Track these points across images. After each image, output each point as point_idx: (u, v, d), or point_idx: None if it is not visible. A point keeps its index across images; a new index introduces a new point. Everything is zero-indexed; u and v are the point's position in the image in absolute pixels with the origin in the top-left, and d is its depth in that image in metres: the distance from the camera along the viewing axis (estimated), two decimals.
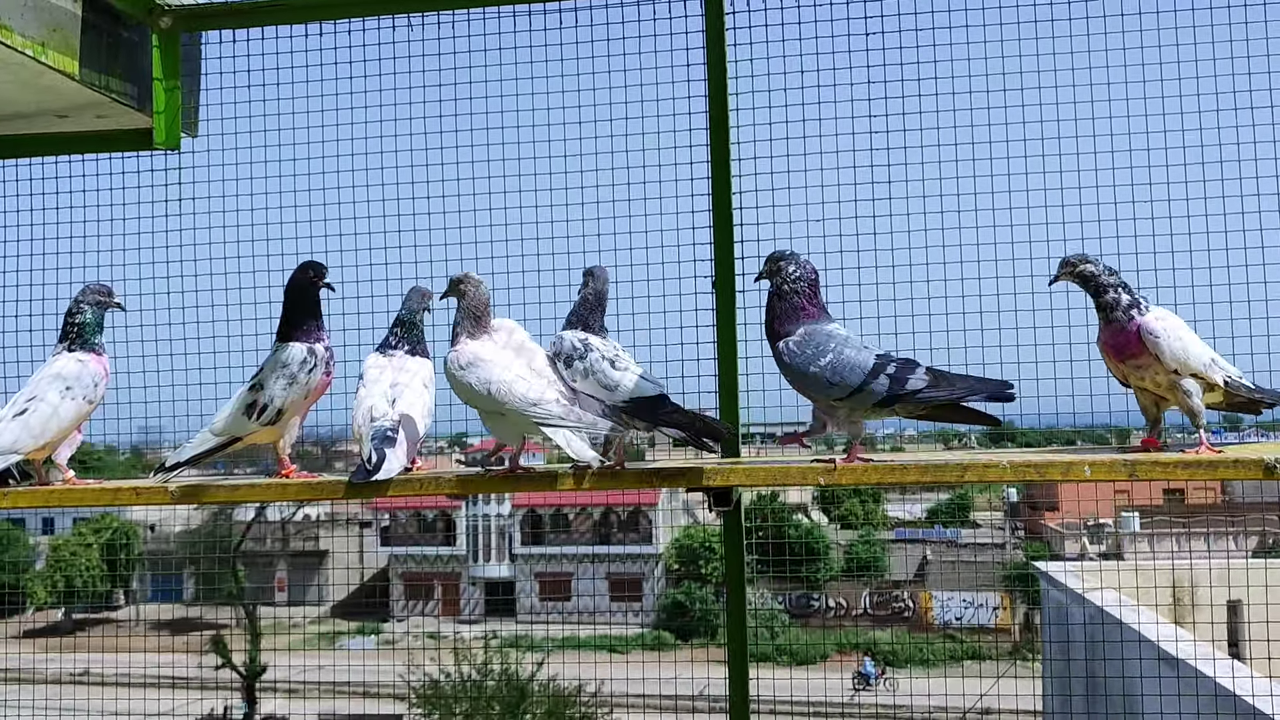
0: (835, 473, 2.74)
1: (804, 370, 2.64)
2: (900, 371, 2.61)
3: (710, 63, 3.54)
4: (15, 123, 3.82)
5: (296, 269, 3.02)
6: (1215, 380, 2.71)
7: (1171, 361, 2.65)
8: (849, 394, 2.62)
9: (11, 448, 2.96)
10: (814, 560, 34.80)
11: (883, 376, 2.60)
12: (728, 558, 3.56)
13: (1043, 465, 2.75)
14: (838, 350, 2.63)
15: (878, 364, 2.61)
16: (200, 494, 3.06)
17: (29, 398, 3.02)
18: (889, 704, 24.95)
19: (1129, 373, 2.75)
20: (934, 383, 2.62)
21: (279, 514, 35.68)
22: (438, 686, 20.91)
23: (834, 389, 2.62)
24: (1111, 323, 2.70)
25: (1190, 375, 2.68)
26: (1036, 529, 33.86)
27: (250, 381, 2.98)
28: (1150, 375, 2.70)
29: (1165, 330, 2.65)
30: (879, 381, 2.60)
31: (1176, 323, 2.69)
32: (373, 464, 2.72)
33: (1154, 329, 2.65)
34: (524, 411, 2.69)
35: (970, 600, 33.97)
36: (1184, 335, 2.68)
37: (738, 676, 3.52)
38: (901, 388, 2.60)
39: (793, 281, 2.70)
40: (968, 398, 2.64)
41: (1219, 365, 2.74)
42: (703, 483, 2.84)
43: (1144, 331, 2.66)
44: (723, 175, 3.52)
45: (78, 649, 28.90)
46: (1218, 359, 2.75)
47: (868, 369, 2.61)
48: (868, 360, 2.62)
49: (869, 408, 2.66)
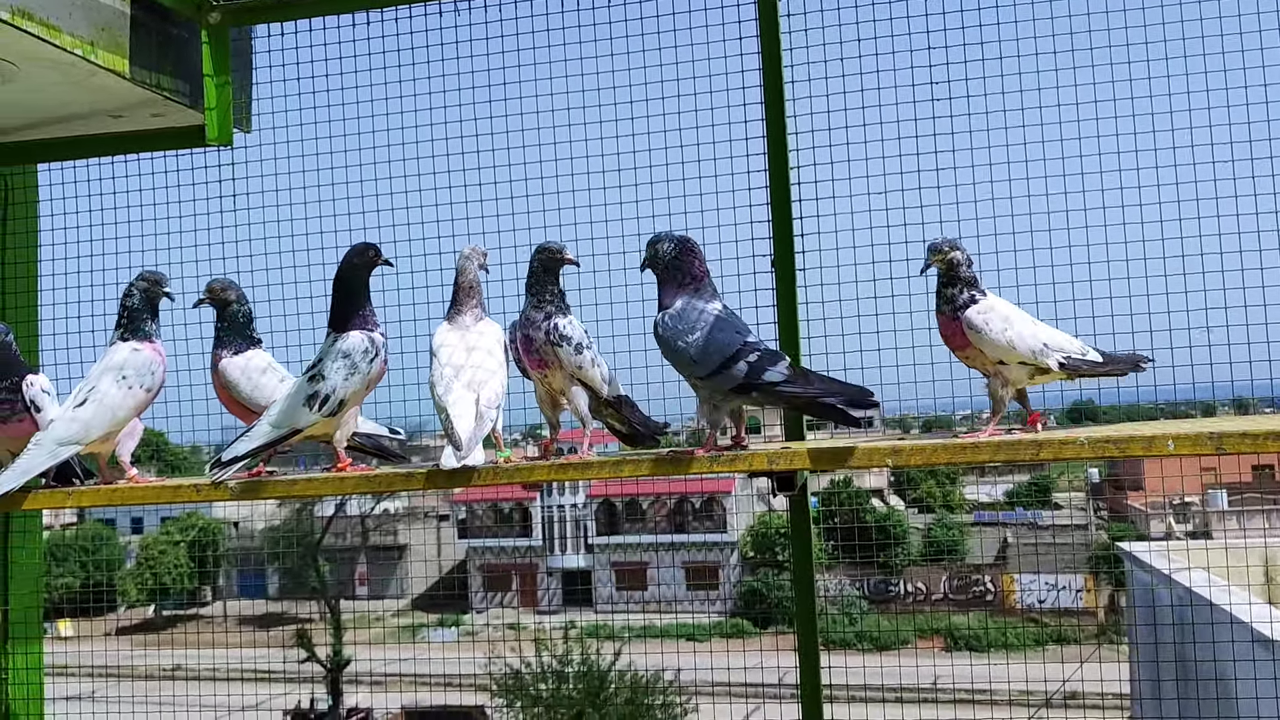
0: (904, 454, 2.65)
1: (672, 343, 2.67)
2: (761, 361, 2.62)
3: (764, 35, 3.44)
4: (72, 124, 3.84)
5: (351, 252, 2.94)
6: (1048, 364, 2.74)
7: (994, 353, 2.70)
8: (708, 374, 2.64)
9: (72, 439, 2.97)
10: (892, 545, 34.47)
11: (742, 363, 2.61)
12: (794, 543, 3.46)
13: (1122, 440, 2.61)
14: (707, 329, 2.65)
15: (741, 350, 2.62)
16: (258, 489, 3.04)
17: (88, 389, 3.03)
18: (967, 688, 24.61)
19: (963, 360, 2.79)
20: (792, 378, 2.62)
21: (358, 509, 36.21)
22: (519, 677, 21.06)
23: (696, 367, 2.65)
24: (942, 314, 2.74)
25: (1018, 363, 2.72)
26: (1120, 509, 33.14)
27: (308, 372, 2.92)
28: (980, 363, 2.75)
29: (987, 324, 2.69)
30: (738, 367, 2.61)
31: (1005, 313, 2.71)
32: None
33: (975, 323, 2.69)
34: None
35: (1053, 583, 33.40)
36: (1012, 326, 2.70)
37: (808, 663, 3.43)
38: (758, 377, 2.61)
39: (666, 259, 2.73)
40: (823, 398, 2.62)
41: (1051, 349, 2.75)
42: (766, 467, 2.76)
43: (966, 325, 2.69)
44: (780, 153, 3.42)
45: (169, 645, 29.65)
46: (1051, 341, 2.75)
47: (730, 353, 2.62)
48: (734, 344, 2.63)
49: (726, 392, 2.66)
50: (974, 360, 2.76)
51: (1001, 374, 2.74)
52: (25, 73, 3.37)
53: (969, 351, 2.74)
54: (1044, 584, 33.69)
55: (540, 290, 2.81)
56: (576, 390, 2.84)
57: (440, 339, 2.89)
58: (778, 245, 3.41)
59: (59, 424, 3.01)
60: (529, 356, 2.81)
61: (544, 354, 2.79)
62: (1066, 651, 23.48)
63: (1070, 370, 2.80)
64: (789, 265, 3.39)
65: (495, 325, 2.94)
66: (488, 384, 2.80)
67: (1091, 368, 2.81)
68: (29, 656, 4.02)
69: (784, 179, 3.41)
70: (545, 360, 2.80)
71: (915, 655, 28.26)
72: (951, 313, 2.72)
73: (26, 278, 4.10)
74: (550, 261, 2.81)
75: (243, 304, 3.18)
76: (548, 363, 2.80)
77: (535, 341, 2.78)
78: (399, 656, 28.17)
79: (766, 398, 2.69)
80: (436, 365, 2.84)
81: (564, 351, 2.78)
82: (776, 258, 3.41)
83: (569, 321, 2.81)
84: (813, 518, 3.58)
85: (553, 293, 2.81)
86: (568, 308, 2.83)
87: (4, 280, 4.03)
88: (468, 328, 2.90)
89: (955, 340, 2.75)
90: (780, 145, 3.43)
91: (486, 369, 2.83)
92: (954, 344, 2.76)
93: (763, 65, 3.45)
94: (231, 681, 19.51)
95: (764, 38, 3.45)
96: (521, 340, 2.82)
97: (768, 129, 3.44)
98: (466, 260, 2.94)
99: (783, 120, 3.42)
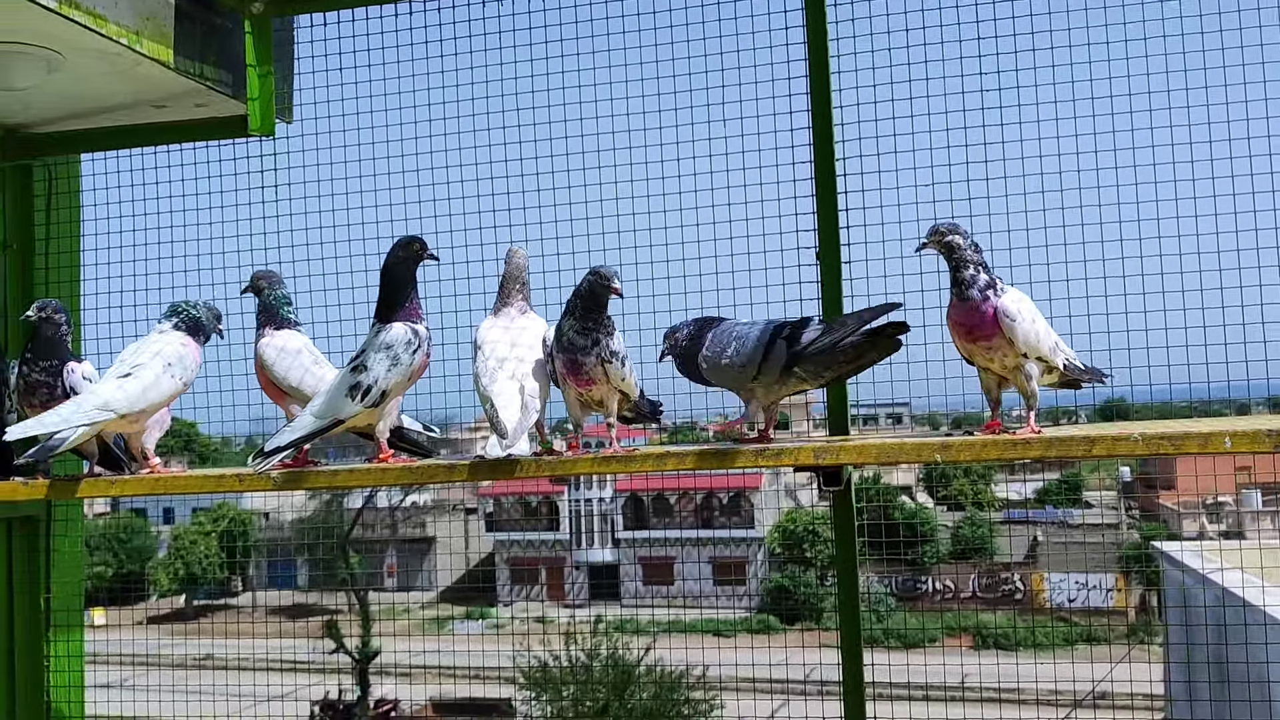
0: (953, 449, 2.62)
1: (718, 364, 2.72)
2: (794, 332, 2.66)
3: (810, 24, 3.40)
4: (116, 114, 3.85)
5: (396, 245, 2.96)
6: (1057, 364, 2.73)
7: (1023, 345, 2.64)
8: (759, 369, 2.68)
9: (109, 406, 2.99)
10: (921, 542, 34.30)
11: (779, 341, 2.66)
12: (838, 539, 3.42)
13: (1178, 437, 2.56)
14: (737, 335, 2.71)
15: (772, 332, 2.67)
16: (301, 480, 3.04)
17: (134, 364, 3.07)
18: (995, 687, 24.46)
19: (976, 352, 2.71)
20: (828, 329, 2.65)
21: (387, 500, 36.39)
22: (546, 670, 21.11)
23: (747, 368, 2.69)
24: (965, 300, 2.65)
25: (1036, 359, 2.68)
26: (1152, 508, 32.81)
27: (351, 363, 2.93)
28: (999, 357, 2.68)
29: (1021, 314, 2.63)
30: (777, 346, 2.65)
31: (1031, 307, 2.67)
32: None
33: (1011, 312, 2.62)
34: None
35: (1083, 581, 33.15)
36: (1037, 320, 2.67)
37: (851, 662, 3.39)
38: (798, 344, 2.64)
39: (684, 342, 2.80)
40: (861, 328, 2.63)
41: (1061, 349, 2.75)
42: (812, 461, 2.73)
43: (1001, 314, 2.62)
44: (825, 144, 3.37)
45: (200, 634, 29.89)
46: (1060, 343, 2.76)
47: (765, 340, 2.66)
48: (765, 331, 2.68)
49: (779, 376, 2.68)
50: (994, 351, 2.66)
51: (1024, 368, 2.68)
52: (71, 62, 3.38)
53: (995, 342, 2.64)
54: (1074, 583, 33.43)
55: (586, 314, 2.76)
56: (614, 396, 2.84)
57: (485, 332, 2.90)
58: (822, 237, 3.36)
59: (104, 388, 3.04)
60: (575, 378, 2.79)
61: (593, 374, 2.77)
62: (1096, 651, 23.26)
63: (1067, 373, 2.78)
64: (834, 257, 3.35)
65: (540, 319, 2.94)
66: (532, 375, 2.80)
67: (1078, 374, 2.81)
68: (70, 644, 4.05)
69: (829, 168, 3.37)
70: (593, 379, 2.78)
71: (943, 653, 28.11)
72: (980, 298, 2.62)
73: (70, 267, 4.12)
74: (600, 289, 2.76)
75: (275, 288, 3.23)
76: (595, 380, 2.78)
77: (585, 366, 2.76)
78: (426, 648, 28.25)
79: (813, 364, 2.67)
80: (481, 357, 2.84)
81: (612, 368, 2.78)
82: (821, 249, 3.37)
83: (617, 339, 2.79)
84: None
85: (597, 318, 2.77)
86: (612, 324, 2.80)
87: (47, 269, 4.05)
88: (513, 320, 2.90)
89: (983, 329, 2.63)
90: (826, 137, 3.39)
91: (531, 361, 2.82)
92: (980, 333, 2.64)
93: (809, 55, 3.40)
94: (261, 671, 19.61)
95: (810, 27, 3.40)
96: (567, 364, 2.78)
97: (813, 120, 3.40)
98: (513, 253, 2.94)
99: (829, 111, 3.37)
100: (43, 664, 3.98)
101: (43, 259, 4.05)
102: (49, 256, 4.06)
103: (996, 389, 2.78)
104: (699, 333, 2.78)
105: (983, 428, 2.78)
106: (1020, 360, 2.67)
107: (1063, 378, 2.82)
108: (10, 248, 4.02)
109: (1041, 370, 2.72)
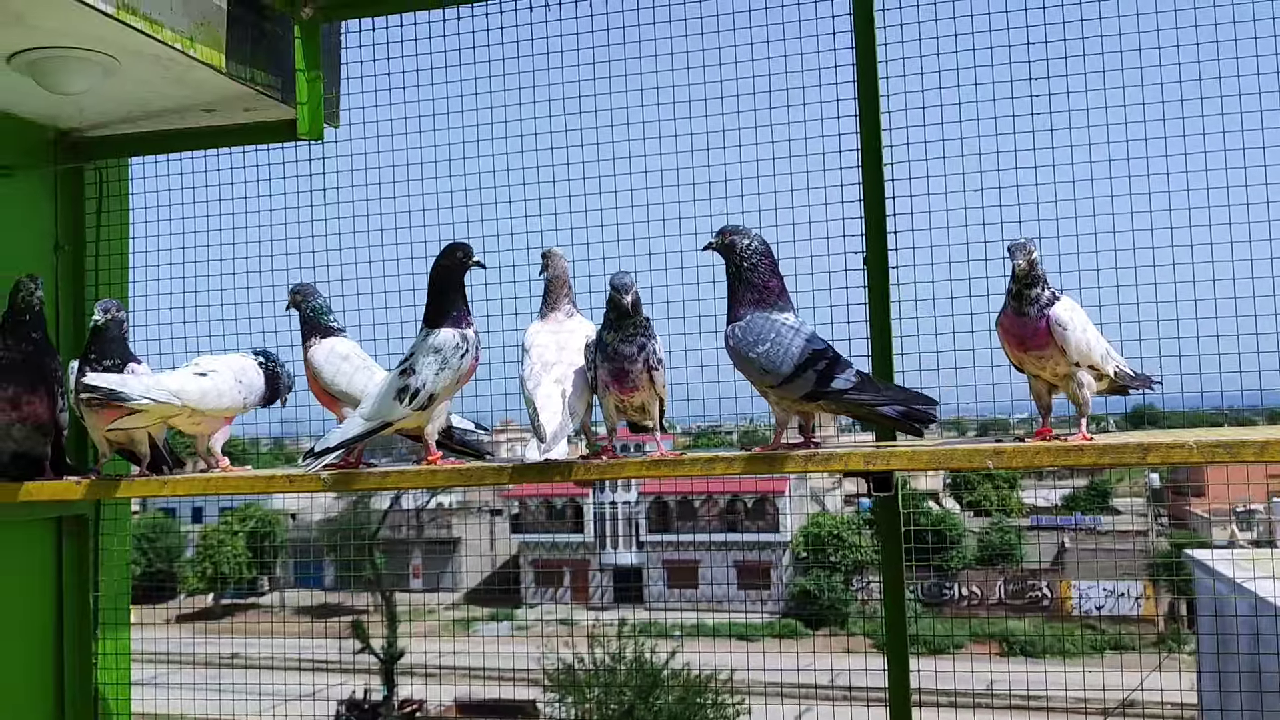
0: (1006, 455, 2.61)
1: (743, 354, 2.71)
2: (830, 369, 2.64)
3: (858, 26, 3.40)
4: (166, 117, 3.89)
5: (442, 253, 3.00)
6: (1108, 371, 2.72)
7: (1075, 354, 2.64)
8: (779, 383, 2.66)
9: (177, 394, 3.05)
10: (947, 548, 34.11)
11: (811, 371, 2.64)
12: (884, 544, 3.42)
13: (1234, 444, 2.53)
14: (776, 339, 2.68)
15: (811, 358, 2.64)
16: (351, 481, 3.06)
17: (211, 368, 3.17)
18: (1023, 694, 24.29)
19: (1028, 361, 2.72)
20: (859, 385, 2.65)
21: (413, 502, 36.52)
22: (571, 672, 21.14)
23: (767, 376, 2.68)
24: (1023, 315, 2.65)
25: (1088, 366, 2.68)
26: (1181, 515, 32.53)
27: (400, 366, 2.96)
28: (1050, 366, 2.68)
29: (1073, 323, 2.63)
30: (806, 375, 2.64)
31: (1082, 316, 2.67)
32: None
33: (1064, 321, 2.62)
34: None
35: (1111, 589, 32.88)
36: (1088, 328, 2.67)
37: (898, 667, 3.38)
38: (826, 385, 2.64)
39: (750, 257, 2.75)
40: (885, 405, 2.66)
41: (1111, 356, 2.75)
42: (863, 467, 2.73)
43: (1053, 323, 2.62)
44: (874, 147, 3.37)
45: (228, 633, 30.07)
46: (1111, 350, 2.76)
47: (799, 361, 2.64)
48: (803, 352, 2.65)
49: (796, 399, 2.69)
50: (1046, 361, 2.67)
51: (1076, 376, 2.67)
52: (126, 67, 3.41)
53: (1047, 352, 2.65)
54: (1102, 590, 33.17)
55: (620, 322, 2.76)
56: (654, 402, 2.85)
57: (533, 335, 2.91)
58: (870, 243, 3.36)
59: (179, 377, 3.12)
60: (620, 385, 2.79)
61: (638, 381, 2.78)
62: (1125, 659, 23.07)
63: (1117, 379, 2.78)
64: (882, 260, 3.34)
65: (586, 321, 2.95)
66: (576, 379, 2.81)
67: (1128, 381, 2.82)
68: (118, 642, 4.09)
69: (878, 172, 3.37)
70: (638, 385, 2.79)
71: (971, 659, 27.96)
72: (1037, 314, 2.63)
73: (120, 269, 4.16)
74: (613, 297, 2.78)
75: (310, 299, 3.29)
76: (640, 387, 2.79)
77: (631, 374, 2.76)
78: (452, 649, 28.35)
79: (834, 404, 2.70)
80: (528, 361, 2.85)
81: (658, 374, 2.79)
82: (869, 253, 3.37)
83: (658, 344, 2.80)
84: (865, 520, 3.54)
85: (635, 324, 2.77)
86: (652, 328, 2.81)
87: (97, 271, 4.09)
88: (560, 324, 2.92)
89: (1035, 340, 2.65)
90: (874, 142, 3.39)
91: (578, 364, 2.84)
92: (1032, 344, 2.66)
93: (856, 60, 3.40)
94: (288, 670, 19.73)
95: (858, 30, 3.40)
96: (613, 373, 2.77)
97: (861, 122, 3.40)
98: (553, 256, 2.96)
99: (877, 115, 3.37)
100: (91, 661, 4.02)
101: (93, 261, 4.10)
102: (99, 259, 4.10)
103: (1047, 395, 2.77)
104: (741, 289, 2.75)
105: (1034, 434, 2.77)
106: (1072, 369, 2.67)
107: (1113, 384, 2.82)
108: (63, 249, 4.07)
109: (1096, 376, 2.71)
